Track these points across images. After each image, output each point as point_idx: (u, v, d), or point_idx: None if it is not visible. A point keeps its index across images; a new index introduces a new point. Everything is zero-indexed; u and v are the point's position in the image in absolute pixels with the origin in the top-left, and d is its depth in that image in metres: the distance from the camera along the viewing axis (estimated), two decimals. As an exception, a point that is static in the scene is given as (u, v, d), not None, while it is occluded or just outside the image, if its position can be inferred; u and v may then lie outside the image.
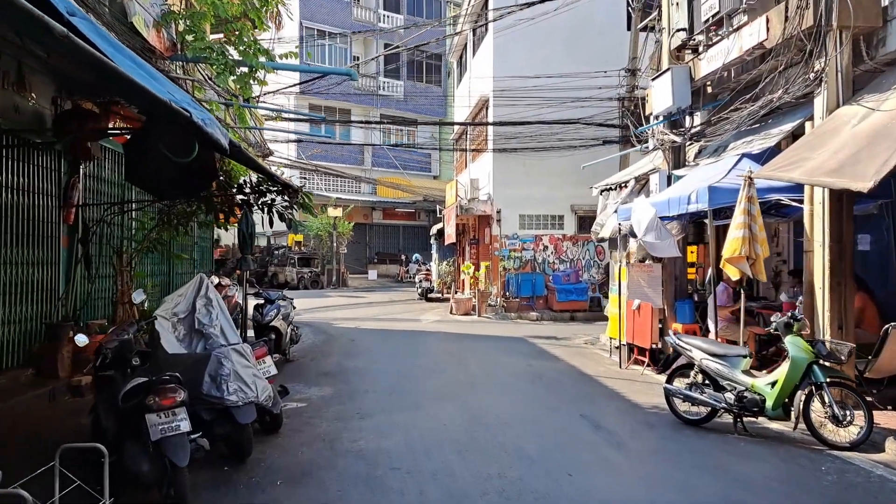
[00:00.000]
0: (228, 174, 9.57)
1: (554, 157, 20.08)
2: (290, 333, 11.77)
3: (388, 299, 24.79)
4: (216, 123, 5.00)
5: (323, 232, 31.74)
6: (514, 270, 20.11)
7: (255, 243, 39.35)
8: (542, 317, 19.54)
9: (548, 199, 20.56)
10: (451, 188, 23.04)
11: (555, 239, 20.74)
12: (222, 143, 4.98)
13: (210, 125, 4.83)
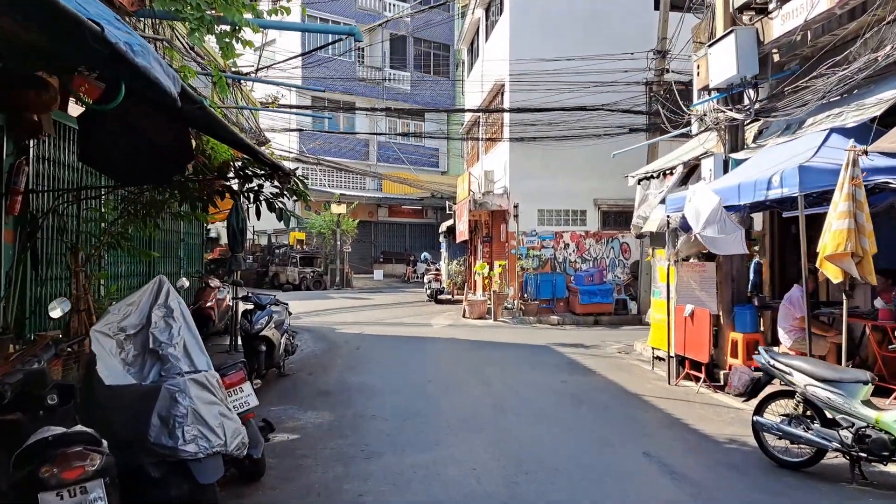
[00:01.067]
0: (208, 156, 7.96)
1: (576, 146, 18.46)
2: (285, 343, 10.18)
3: (395, 301, 23.19)
4: (154, 56, 3.37)
5: (326, 230, 30.14)
6: (532, 270, 18.49)
7: (256, 241, 37.82)
8: (564, 321, 17.91)
9: (569, 192, 18.92)
10: (462, 181, 21.41)
11: (576, 236, 19.11)
12: (164, 85, 3.36)
13: (142, 55, 3.20)
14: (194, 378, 4.61)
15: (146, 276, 11.63)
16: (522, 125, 18.54)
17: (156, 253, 8.44)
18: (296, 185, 7.65)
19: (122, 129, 6.14)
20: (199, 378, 4.59)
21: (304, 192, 7.80)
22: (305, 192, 7.84)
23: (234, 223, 11.72)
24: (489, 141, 20.35)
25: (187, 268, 13.53)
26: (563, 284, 18.66)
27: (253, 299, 9.67)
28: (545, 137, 18.50)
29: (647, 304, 18.47)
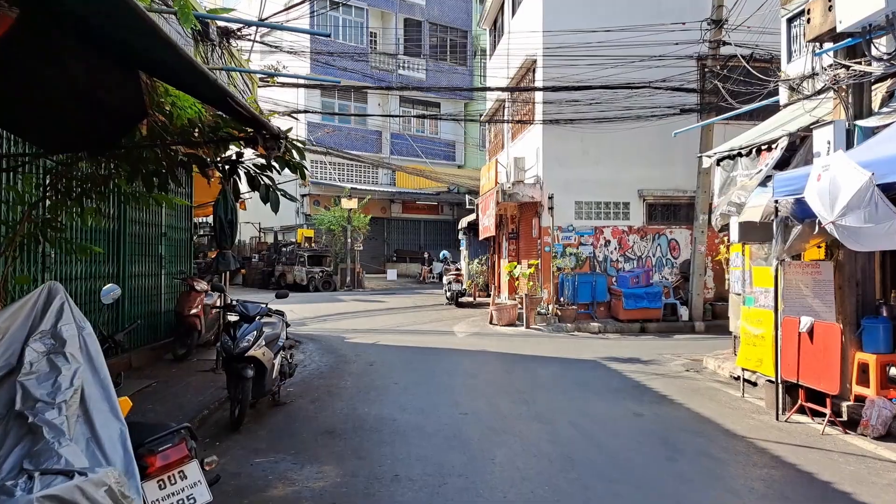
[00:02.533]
0: (168, 114, 5.77)
1: (618, 129, 16.22)
2: (281, 364, 8.02)
3: (411, 304, 21.00)
4: None
5: (336, 226, 27.99)
6: (569, 270, 16.24)
7: (262, 239, 35.75)
8: (606, 328, 15.67)
9: (610, 182, 16.67)
10: (487, 171, 19.19)
11: (619, 231, 16.85)
12: None
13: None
14: (83, 487, 2.44)
15: (117, 278, 9.51)
16: (558, 104, 16.31)
17: (98, 248, 6.27)
18: (288, 151, 5.46)
19: (44, 74, 4.04)
20: (96, 484, 2.42)
21: (299, 165, 5.61)
22: (302, 165, 5.66)
23: (221, 214, 9.60)
24: (519, 124, 18.11)
25: (170, 267, 11.39)
26: (604, 287, 16.41)
27: (238, 308, 7.49)
28: (583, 119, 16.27)
29: (699, 310, 16.23)
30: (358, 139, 32.59)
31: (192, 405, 7.61)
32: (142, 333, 10.29)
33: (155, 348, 10.63)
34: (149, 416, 7.01)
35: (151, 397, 8.02)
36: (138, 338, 10.20)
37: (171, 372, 9.62)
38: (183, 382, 8.92)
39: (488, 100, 23.83)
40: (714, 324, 16.17)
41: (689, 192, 16.71)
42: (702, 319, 16.16)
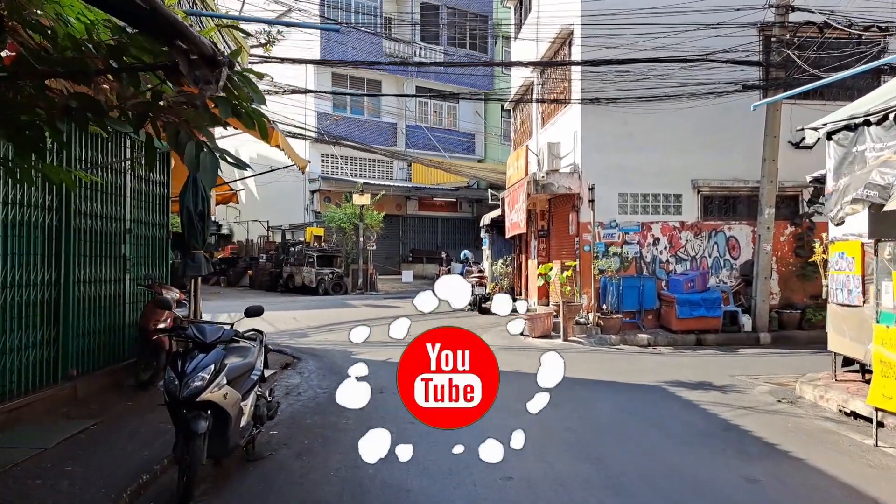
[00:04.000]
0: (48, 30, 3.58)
1: (669, 109, 13.96)
2: (257, 405, 5.88)
3: (428, 310, 18.85)
4: None
5: (347, 224, 25.88)
6: (613, 273, 14.00)
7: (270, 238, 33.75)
8: (656, 340, 13.43)
9: (659, 170, 14.42)
10: (516, 160, 16.98)
11: (669, 228, 14.58)
12: None
13: None
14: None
15: (51, 285, 7.43)
16: (599, 80, 14.08)
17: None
18: (238, 87, 3.30)
19: None
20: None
21: (254, 113, 3.45)
22: (260, 115, 3.51)
23: (189, 205, 7.51)
24: (553, 104, 15.85)
25: (137, 271, 9.28)
26: (652, 292, 14.15)
27: (189, 331, 5.33)
28: (628, 98, 14.03)
29: (764, 319, 13.94)
30: (371, 131, 30.51)
31: (132, 464, 5.49)
32: (94, 354, 8.23)
33: (114, 372, 8.55)
34: (59, 487, 4.92)
35: (82, 448, 5.92)
36: (90, 360, 8.14)
37: (124, 406, 7.52)
38: (135, 422, 6.83)
39: (513, 87, 21.64)
40: (782, 335, 13.91)
41: (752, 182, 14.42)
42: (767, 330, 13.88)
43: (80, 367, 7.92)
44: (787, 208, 14.86)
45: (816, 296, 14.68)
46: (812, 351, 12.87)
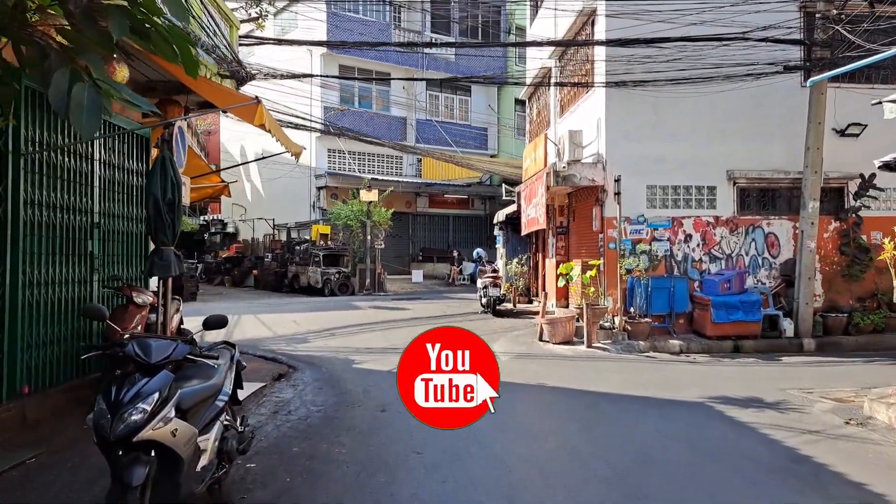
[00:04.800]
0: None
1: (702, 93, 12.72)
2: (223, 439, 4.71)
3: (439, 312, 17.64)
4: None
5: (354, 222, 24.72)
6: (639, 273, 12.76)
7: (277, 236, 32.66)
8: (689, 347, 12.19)
9: (691, 160, 13.18)
10: (533, 150, 15.75)
11: (702, 223, 13.33)
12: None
13: None
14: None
15: None
16: (625, 63, 12.85)
17: None
18: None
19: None
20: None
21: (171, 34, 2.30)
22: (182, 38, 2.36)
23: (157, 192, 6.37)
24: (575, 87, 14.60)
25: (105, 270, 8.15)
26: (684, 293, 12.92)
27: (129, 349, 4.15)
28: (657, 80, 12.79)
29: (808, 324, 12.70)
30: (380, 126, 29.35)
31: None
32: (52, 368, 7.11)
33: (75, 388, 7.40)
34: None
35: (7, 491, 4.79)
36: (46, 375, 7.02)
37: (79, 431, 6.38)
38: (86, 452, 5.67)
39: (528, 75, 20.42)
40: (827, 341, 12.65)
41: (793, 173, 13.16)
42: (811, 336, 12.61)
43: (34, 383, 6.79)
44: (831, 202, 13.56)
45: (864, 298, 13.44)
46: (863, 359, 11.63)
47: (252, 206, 34.91)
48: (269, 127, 7.07)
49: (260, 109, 6.85)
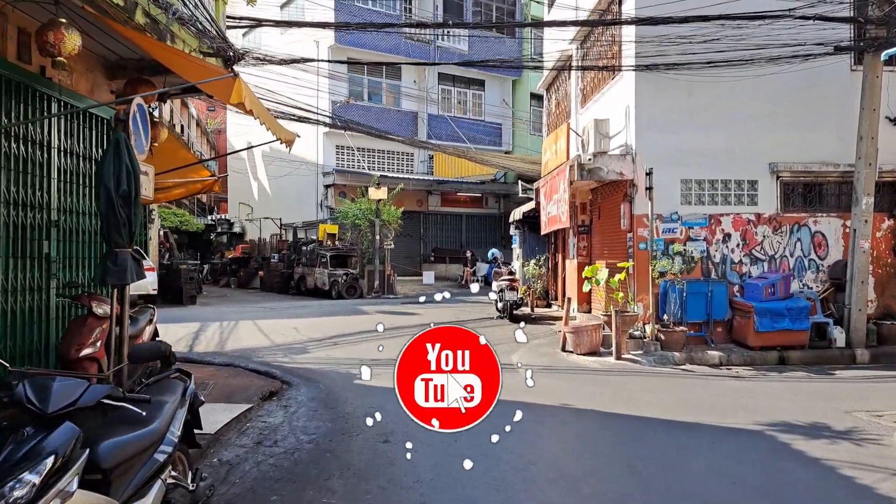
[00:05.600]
0: None
1: (741, 77, 11.48)
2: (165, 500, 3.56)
3: (451, 317, 16.38)
4: None
5: (362, 221, 23.58)
6: (673, 276, 11.53)
7: (283, 237, 31.58)
8: (730, 359, 10.96)
9: (730, 152, 11.95)
10: (554, 142, 14.53)
11: (742, 221, 12.07)
12: None
13: None
14: None
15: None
16: (657, 44, 11.62)
17: None
18: None
19: None
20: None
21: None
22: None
23: (109, 183, 5.23)
24: (602, 71, 13.35)
25: (64, 275, 7.03)
26: (723, 298, 11.68)
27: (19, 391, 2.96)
28: (692, 63, 11.55)
29: (860, 332, 11.41)
30: (391, 121, 28.18)
31: None
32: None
33: (24, 413, 6.30)
34: None
35: None
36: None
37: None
38: None
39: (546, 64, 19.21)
40: (882, 352, 11.40)
41: (843, 165, 11.91)
42: (864, 345, 11.33)
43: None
44: (884, 198, 12.27)
45: (923, 303, 12.14)
46: (929, 374, 10.38)
47: (259, 205, 33.93)
48: (250, 107, 5.92)
49: (237, 85, 5.70)
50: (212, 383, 8.74)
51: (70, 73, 7.25)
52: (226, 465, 5.70)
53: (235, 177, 38.68)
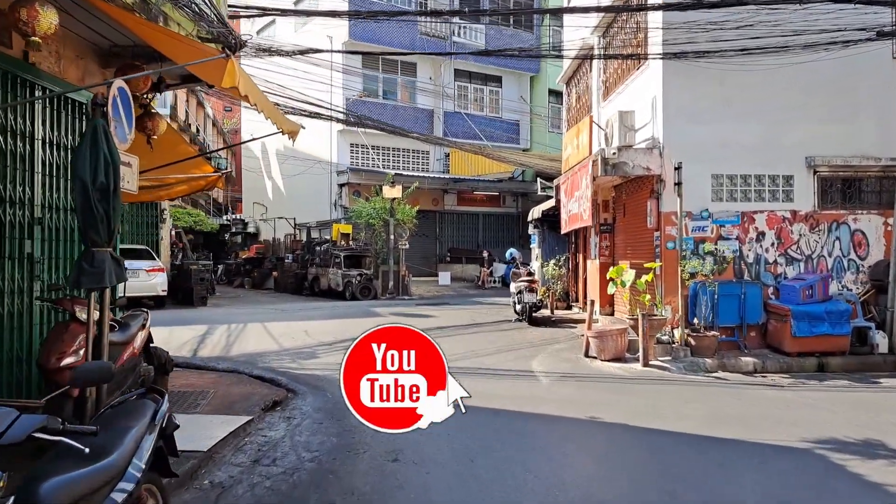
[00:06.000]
0: None
1: (777, 64, 10.77)
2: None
3: (468, 320, 15.81)
4: None
5: (376, 220, 23.03)
6: (704, 277, 10.84)
7: (297, 237, 31.11)
8: (765, 365, 10.26)
9: (765, 146, 11.24)
10: (576, 136, 13.88)
11: (777, 219, 11.36)
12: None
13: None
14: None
15: None
16: (686, 31, 10.93)
17: None
18: None
19: None
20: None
21: None
22: None
23: (83, 174, 4.68)
24: (628, 59, 12.66)
25: (49, 276, 6.51)
26: (757, 301, 10.98)
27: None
28: (724, 51, 10.86)
29: (906, 336, 10.62)
30: (406, 119, 27.60)
31: None
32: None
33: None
34: None
35: None
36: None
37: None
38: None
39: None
40: (928, 358, 10.61)
41: (885, 159, 11.20)
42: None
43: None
44: (929, 193, 11.51)
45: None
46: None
47: (273, 205, 33.55)
48: (246, 91, 5.36)
49: (230, 66, 5.15)
50: (212, 391, 8.21)
51: (58, 60, 6.75)
52: (217, 488, 5.15)
53: (250, 176, 38.37)
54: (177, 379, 8.72)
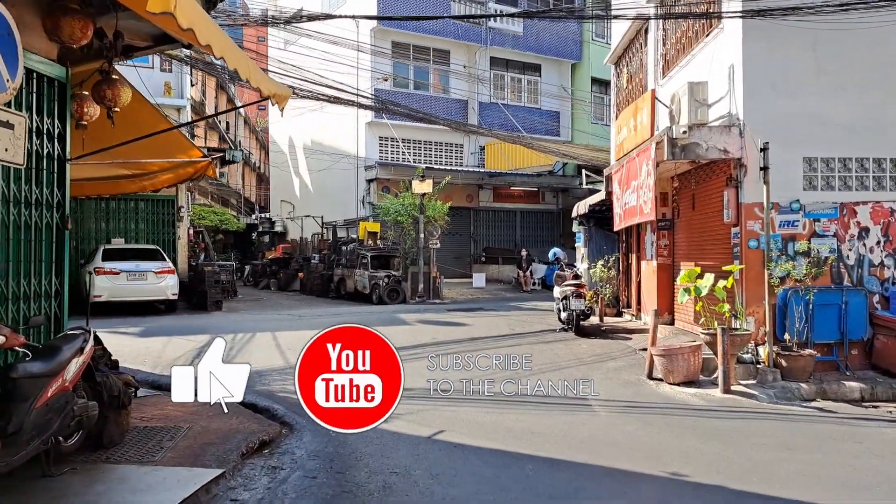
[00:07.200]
0: None
1: (883, 23, 8.74)
2: None
3: (506, 329, 13.93)
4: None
5: (405, 218, 21.30)
6: (797, 282, 8.87)
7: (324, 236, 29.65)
8: (874, 392, 8.28)
9: (868, 123, 9.24)
10: (631, 116, 11.94)
11: (885, 212, 9.33)
12: None
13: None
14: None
15: None
16: (773, -17, 8.98)
17: None
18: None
19: None
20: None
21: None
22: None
23: None
24: (698, 18, 10.66)
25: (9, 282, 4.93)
26: (861, 312, 8.97)
27: None
28: (818, 7, 8.87)
29: None
30: (438, 109, 25.82)
31: None
32: None
33: None
34: None
35: None
36: None
37: None
38: None
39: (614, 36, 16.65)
40: None
41: None
42: None
43: None
44: None
45: None
46: None
47: (301, 203, 32.17)
48: (207, 41, 3.71)
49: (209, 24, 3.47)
50: (187, 427, 6.53)
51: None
52: None
53: (277, 173, 37.10)
54: (150, 408, 7.12)
